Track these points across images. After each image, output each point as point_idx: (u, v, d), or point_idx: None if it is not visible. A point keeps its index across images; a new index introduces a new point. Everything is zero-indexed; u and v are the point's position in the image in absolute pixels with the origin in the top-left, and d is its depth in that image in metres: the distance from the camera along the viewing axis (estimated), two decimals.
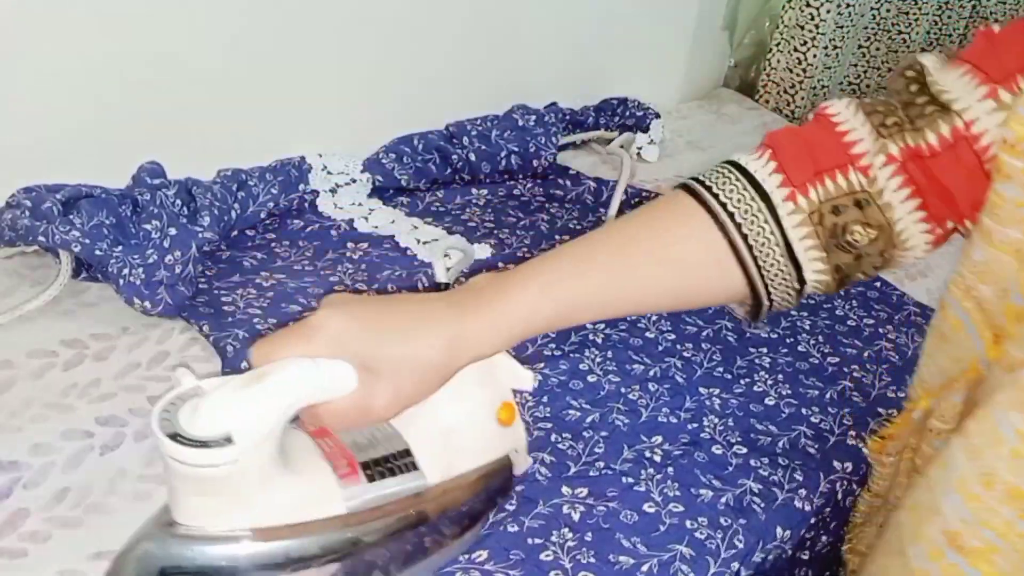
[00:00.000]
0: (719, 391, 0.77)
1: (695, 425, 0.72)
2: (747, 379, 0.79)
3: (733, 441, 0.71)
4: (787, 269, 0.44)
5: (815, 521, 0.68)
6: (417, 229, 0.95)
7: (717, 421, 0.73)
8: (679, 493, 0.65)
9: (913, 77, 0.45)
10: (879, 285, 0.96)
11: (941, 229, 0.45)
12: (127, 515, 0.57)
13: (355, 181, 0.98)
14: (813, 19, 1.46)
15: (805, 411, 0.76)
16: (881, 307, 0.93)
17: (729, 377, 0.79)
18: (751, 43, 1.55)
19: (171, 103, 0.88)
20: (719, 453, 0.70)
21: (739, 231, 0.43)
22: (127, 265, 0.73)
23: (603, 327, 0.81)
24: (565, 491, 0.64)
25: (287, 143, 0.98)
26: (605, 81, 1.31)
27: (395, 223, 0.95)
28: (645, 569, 0.59)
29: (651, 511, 0.64)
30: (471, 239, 0.94)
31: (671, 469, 0.67)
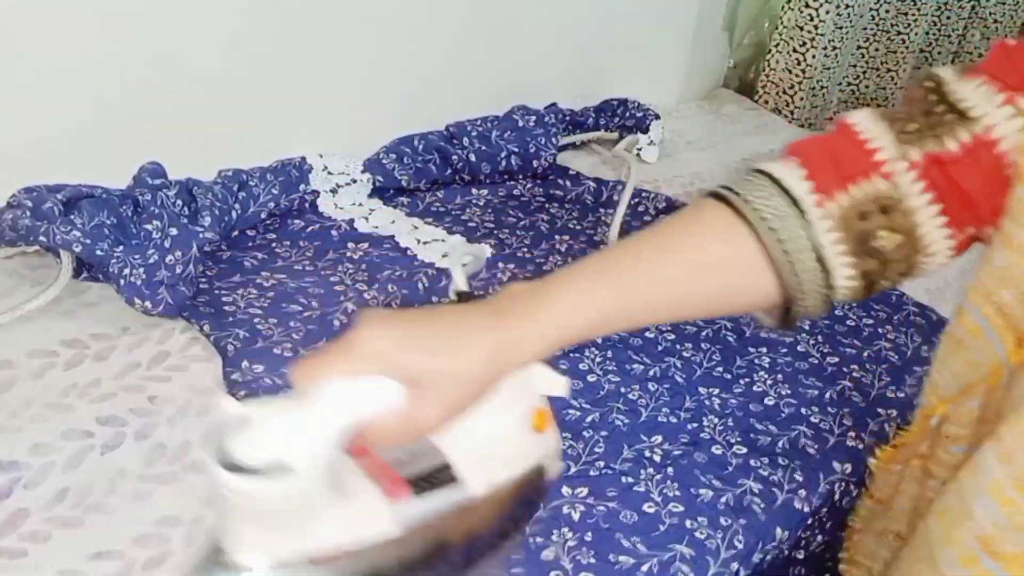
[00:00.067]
0: (719, 391, 0.77)
1: (695, 425, 0.72)
2: (747, 379, 0.79)
3: (733, 441, 0.71)
4: (819, 275, 0.45)
5: (812, 521, 0.68)
6: (417, 229, 0.95)
7: (717, 421, 0.73)
8: (679, 493, 0.65)
9: (931, 88, 0.46)
10: None
11: (963, 235, 0.45)
12: (127, 515, 0.58)
13: (355, 181, 0.98)
14: (812, 20, 1.47)
15: (805, 411, 0.76)
16: (880, 307, 0.93)
17: (729, 377, 0.79)
18: (751, 44, 1.55)
19: (171, 103, 0.89)
20: (719, 453, 0.70)
21: (775, 237, 0.44)
22: (128, 265, 0.73)
23: None
24: (565, 491, 0.64)
25: (287, 143, 0.98)
26: (605, 81, 1.31)
27: (395, 223, 0.95)
28: (645, 569, 0.59)
29: (651, 511, 0.64)
30: (471, 239, 0.95)
31: (671, 469, 0.67)
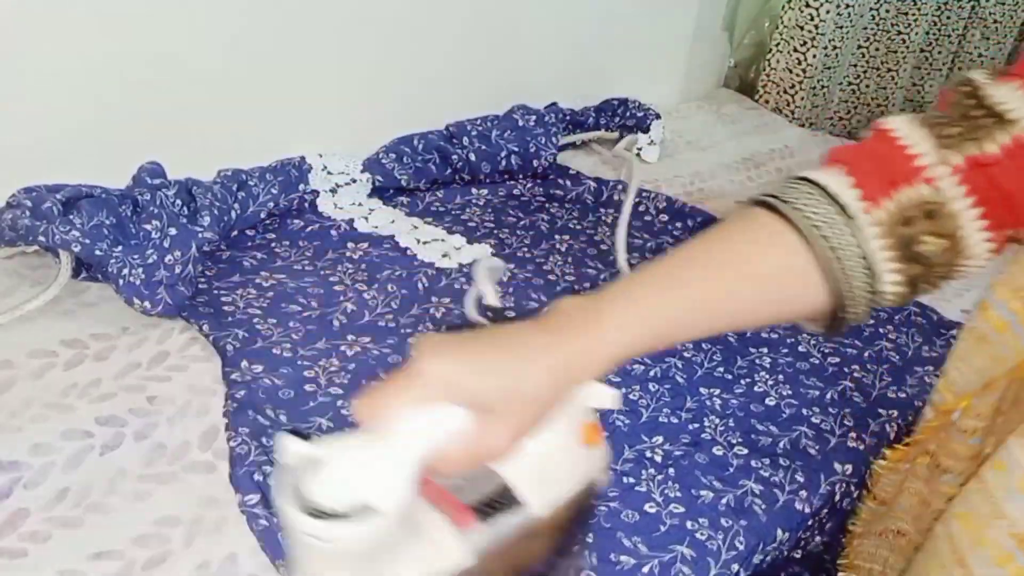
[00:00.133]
0: (720, 391, 0.77)
1: (696, 425, 0.72)
2: (748, 379, 0.79)
3: (734, 441, 0.71)
4: (866, 282, 0.45)
5: (812, 522, 0.68)
6: (417, 229, 0.95)
7: (718, 421, 0.73)
8: (680, 494, 0.65)
9: (967, 92, 0.46)
10: None
11: (1001, 237, 0.46)
12: (127, 515, 0.58)
13: (355, 181, 0.98)
14: (813, 19, 1.47)
15: (806, 411, 0.76)
16: (881, 307, 0.93)
17: (730, 377, 0.79)
18: (751, 43, 1.55)
19: (171, 103, 0.88)
20: (720, 454, 0.70)
21: (826, 244, 0.44)
22: (127, 265, 0.73)
23: None
24: None
25: (287, 143, 0.98)
26: (605, 81, 1.31)
27: (395, 223, 0.95)
28: (646, 570, 0.59)
29: (652, 511, 0.63)
30: (471, 239, 0.94)
31: (672, 469, 0.67)
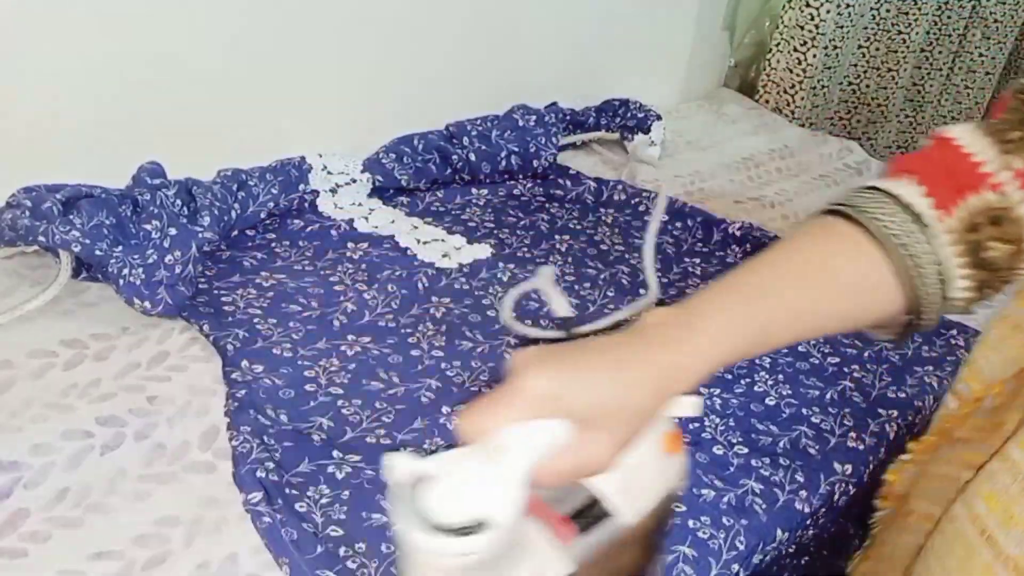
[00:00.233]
0: (720, 391, 0.77)
1: (696, 425, 0.72)
2: (747, 379, 0.79)
3: (734, 441, 0.71)
4: (939, 289, 0.46)
5: (809, 522, 0.68)
6: (417, 229, 0.95)
7: (718, 421, 0.73)
8: (680, 493, 0.65)
9: None
10: None
11: None
12: (127, 515, 0.58)
13: (355, 181, 0.98)
14: (813, 19, 1.47)
15: (806, 411, 0.76)
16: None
17: (729, 377, 0.79)
18: (751, 43, 1.55)
19: (171, 103, 0.88)
20: (720, 453, 0.70)
21: (905, 252, 0.45)
22: (127, 265, 0.73)
23: None
24: None
25: (287, 143, 0.98)
26: (605, 81, 1.31)
27: (395, 223, 0.95)
28: None
29: None
30: (471, 239, 0.94)
31: None
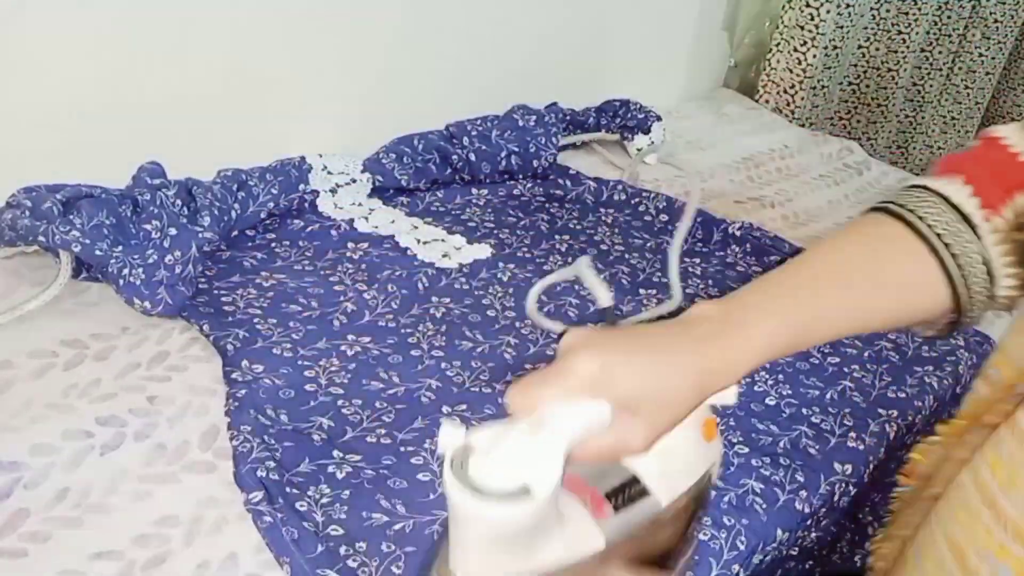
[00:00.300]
0: None
1: None
2: (748, 379, 0.79)
3: (734, 441, 0.71)
4: (985, 287, 0.47)
5: (810, 522, 0.68)
6: (417, 229, 0.95)
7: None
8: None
9: None
10: None
11: None
12: (127, 515, 0.58)
13: (355, 181, 0.98)
14: (813, 19, 1.47)
15: (806, 411, 0.76)
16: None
17: None
18: (751, 43, 1.55)
19: (171, 103, 0.88)
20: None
21: (949, 251, 0.45)
22: (127, 265, 0.73)
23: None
24: None
25: (287, 143, 0.98)
26: (605, 81, 1.31)
27: (395, 223, 0.95)
28: None
29: None
30: (471, 239, 0.94)
31: None
